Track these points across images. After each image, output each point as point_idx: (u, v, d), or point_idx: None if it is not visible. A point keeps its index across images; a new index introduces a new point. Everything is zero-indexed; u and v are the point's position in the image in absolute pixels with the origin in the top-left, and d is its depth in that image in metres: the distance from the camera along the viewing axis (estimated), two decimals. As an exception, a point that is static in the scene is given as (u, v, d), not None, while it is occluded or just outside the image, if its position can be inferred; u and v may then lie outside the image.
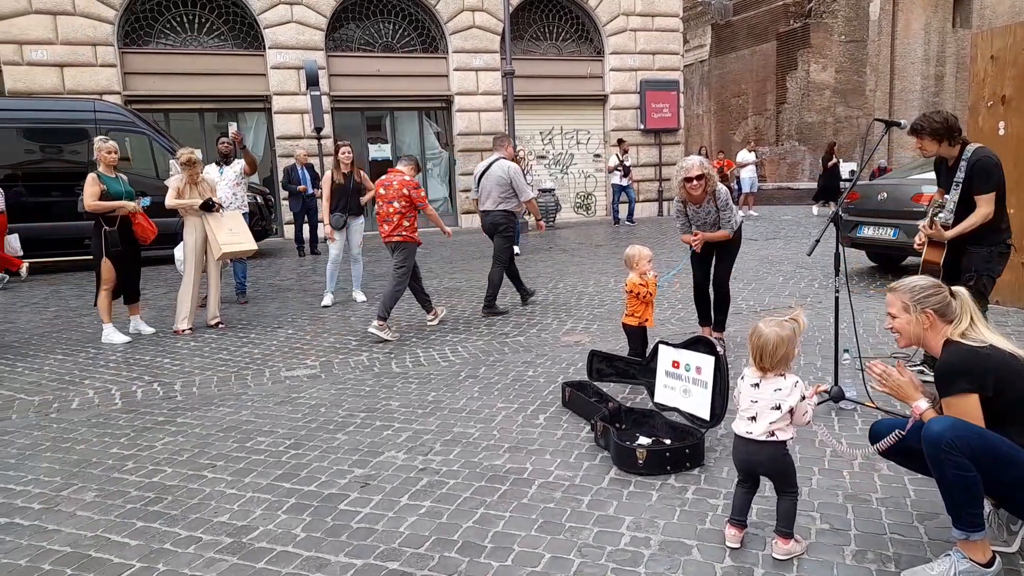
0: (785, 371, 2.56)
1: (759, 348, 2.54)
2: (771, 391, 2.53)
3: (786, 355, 2.53)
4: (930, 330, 2.52)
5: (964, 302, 2.50)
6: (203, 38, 14.52)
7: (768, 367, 2.55)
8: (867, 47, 27.14)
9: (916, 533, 2.70)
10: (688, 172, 5.04)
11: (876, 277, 8.38)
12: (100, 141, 6.36)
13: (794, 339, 2.55)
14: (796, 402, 2.52)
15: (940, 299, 2.52)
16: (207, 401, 4.68)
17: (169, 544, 2.83)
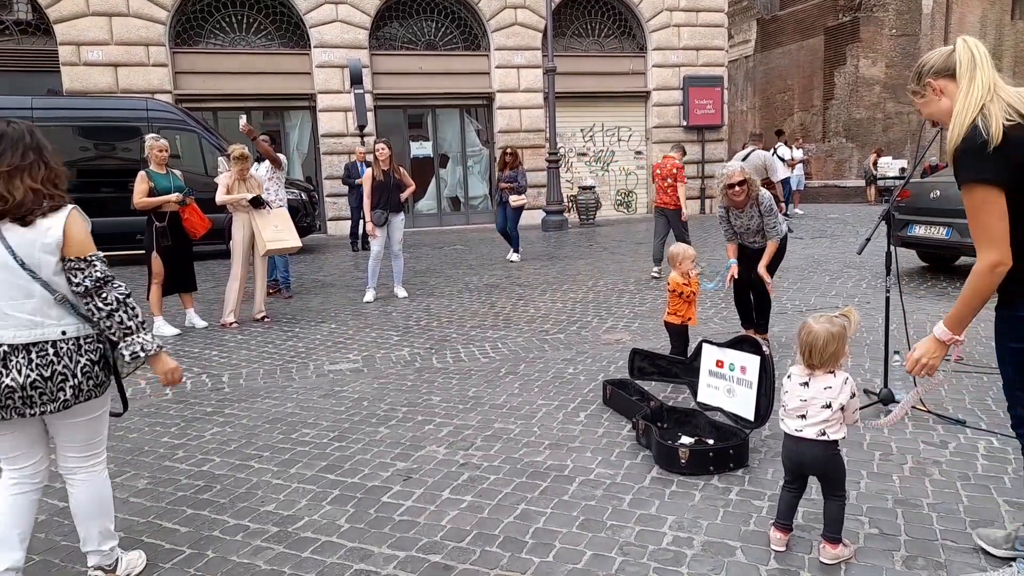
0: (835, 369, 2.50)
1: (808, 345, 2.48)
2: (821, 389, 2.48)
3: (836, 352, 2.47)
4: (946, 98, 2.17)
5: (967, 47, 2.13)
6: (251, 38, 14.82)
7: (817, 364, 2.49)
8: (919, 41, 26.35)
9: (969, 540, 2.62)
10: (730, 178, 4.97)
11: (927, 277, 8.14)
12: (151, 139, 6.53)
13: (844, 336, 2.48)
14: (847, 400, 2.46)
15: (936, 59, 2.21)
16: (253, 393, 4.78)
17: (218, 531, 2.91)
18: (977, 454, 3.38)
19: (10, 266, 2.24)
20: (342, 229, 14.24)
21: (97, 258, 2.37)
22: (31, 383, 2.24)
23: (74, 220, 2.35)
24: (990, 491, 3.00)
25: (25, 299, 2.26)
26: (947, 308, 6.74)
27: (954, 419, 3.78)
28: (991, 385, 4.33)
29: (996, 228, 2.06)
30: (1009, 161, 1.99)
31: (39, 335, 2.27)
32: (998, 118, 1.99)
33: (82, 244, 2.34)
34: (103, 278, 2.34)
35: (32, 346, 2.25)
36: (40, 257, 2.27)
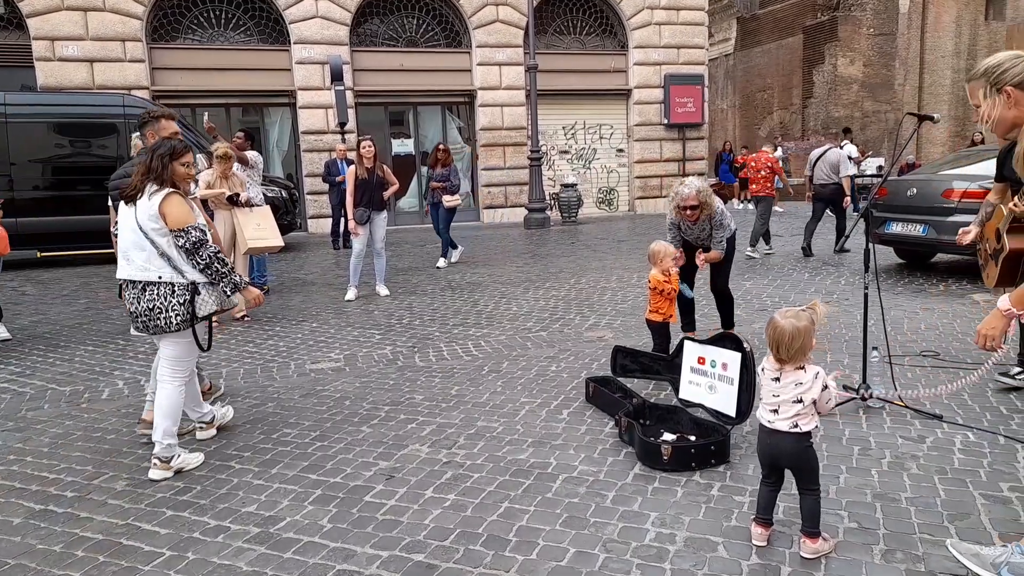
0: (804, 363, 2.53)
1: (776, 340, 2.52)
2: (792, 385, 2.51)
3: (803, 346, 2.49)
4: (1016, 109, 2.19)
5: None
6: (229, 33, 14.67)
7: (786, 359, 2.52)
8: (896, 40, 26.67)
9: (947, 534, 2.66)
10: (684, 200, 4.79)
11: (904, 274, 8.25)
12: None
13: (811, 330, 2.50)
14: (818, 394, 2.49)
15: (1021, 69, 2.18)
16: (233, 393, 4.74)
17: (198, 533, 2.88)
18: (954, 448, 3.43)
19: (134, 228, 3.35)
20: (323, 227, 14.17)
21: (192, 227, 3.33)
22: (143, 311, 3.35)
23: (167, 202, 3.32)
24: (966, 485, 3.05)
25: (139, 251, 3.35)
26: (924, 304, 6.87)
27: (931, 414, 3.84)
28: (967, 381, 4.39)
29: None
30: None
31: (145, 276, 3.35)
32: None
33: (176, 219, 3.32)
34: (197, 242, 3.32)
35: (144, 284, 3.35)
36: (146, 223, 3.31)
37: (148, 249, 3.33)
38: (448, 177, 9.78)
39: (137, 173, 3.39)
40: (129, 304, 3.41)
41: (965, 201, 7.03)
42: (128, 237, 3.38)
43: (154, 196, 3.33)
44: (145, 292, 3.34)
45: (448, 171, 9.85)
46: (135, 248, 3.36)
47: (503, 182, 16.56)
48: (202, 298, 3.39)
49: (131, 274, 3.38)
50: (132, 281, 3.38)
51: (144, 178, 3.36)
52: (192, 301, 3.36)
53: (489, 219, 16.52)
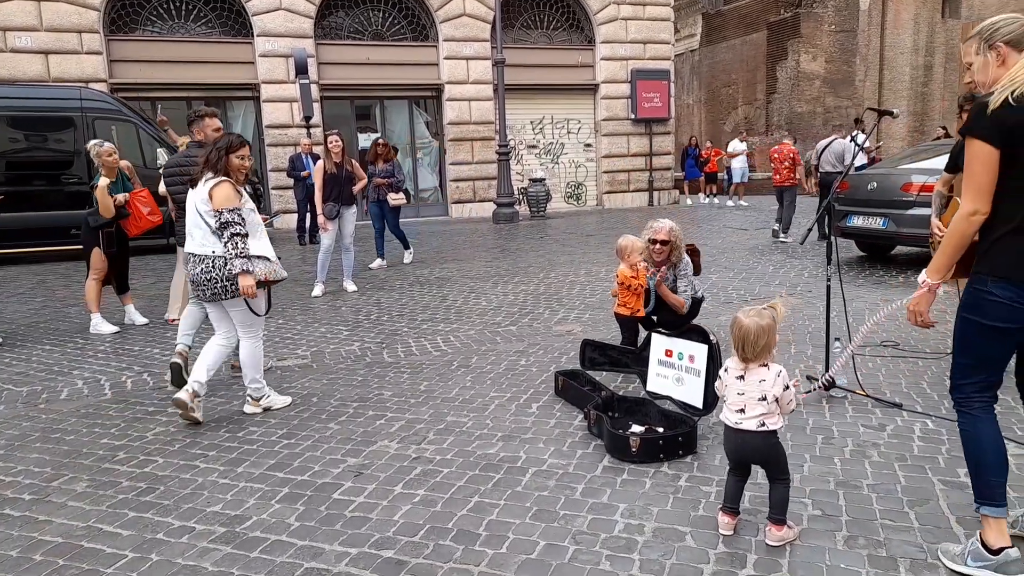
0: (768, 360, 2.58)
1: (740, 339, 2.56)
2: (756, 383, 2.55)
3: (767, 344, 2.55)
4: (1003, 67, 2.22)
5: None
6: (190, 25, 14.37)
7: (750, 357, 2.56)
8: (857, 37, 27.19)
9: (907, 519, 2.73)
10: (656, 233, 4.71)
11: (865, 266, 8.42)
12: (96, 146, 6.21)
13: (774, 328, 2.56)
14: (781, 392, 2.53)
15: (1015, 28, 2.22)
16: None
17: (162, 534, 2.82)
18: (913, 436, 3.51)
19: (193, 209, 3.96)
20: (289, 223, 13.97)
21: (227, 210, 3.84)
22: (201, 281, 3.94)
23: (217, 187, 3.88)
24: (926, 471, 3.13)
25: (198, 229, 3.96)
26: (885, 295, 7.01)
27: (891, 402, 3.92)
28: (926, 369, 4.51)
29: (982, 179, 2.17)
30: (1001, 126, 2.12)
31: (202, 251, 3.95)
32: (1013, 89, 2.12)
33: (219, 201, 3.86)
34: (225, 222, 3.82)
35: (202, 257, 3.94)
36: (200, 205, 3.92)
37: (203, 227, 3.94)
38: (392, 173, 9.23)
39: (200, 163, 3.99)
40: (192, 275, 4.01)
41: (923, 194, 7.19)
42: (190, 217, 4.00)
43: (208, 182, 3.90)
44: (202, 264, 3.94)
45: (392, 167, 9.29)
46: (195, 227, 3.98)
47: (471, 177, 16.52)
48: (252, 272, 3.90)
49: (193, 248, 4.00)
50: (195, 254, 3.98)
51: (204, 167, 3.95)
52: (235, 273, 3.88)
53: (457, 214, 16.47)
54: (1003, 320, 2.21)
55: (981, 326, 2.26)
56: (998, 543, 2.26)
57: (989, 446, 2.30)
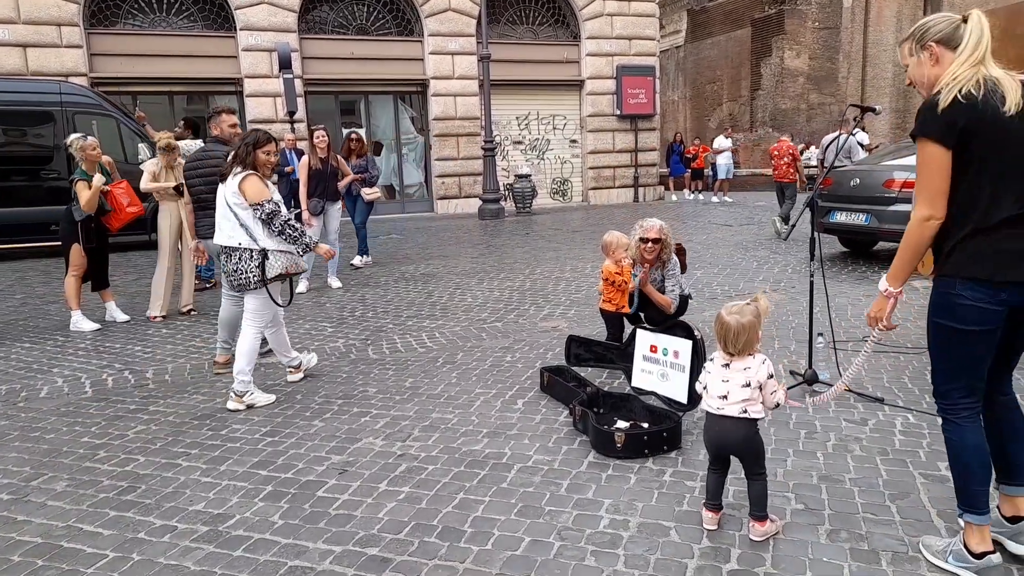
0: (753, 353, 2.59)
1: (723, 336, 2.59)
2: (741, 369, 2.57)
3: (749, 340, 2.57)
4: (939, 66, 2.21)
5: (977, 24, 2.17)
6: (172, 19, 14.21)
7: (734, 352, 2.59)
8: (840, 34, 27.35)
9: (888, 512, 2.75)
10: (647, 231, 4.73)
11: (848, 262, 8.49)
12: (79, 139, 6.11)
13: (756, 324, 2.58)
14: (764, 378, 2.54)
15: (943, 26, 2.21)
16: (180, 389, 4.61)
17: (143, 533, 2.79)
18: (895, 430, 3.55)
19: (223, 202, 4.14)
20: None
21: (266, 201, 4.06)
22: (231, 271, 4.15)
23: (246, 181, 4.07)
24: (907, 465, 3.16)
25: (227, 221, 4.13)
26: (867, 291, 7.07)
27: (873, 397, 3.96)
28: (907, 364, 4.55)
29: (934, 183, 2.15)
30: (952, 125, 2.09)
31: (231, 242, 4.13)
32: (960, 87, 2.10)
33: (253, 195, 4.05)
34: (271, 212, 4.06)
35: (231, 249, 4.14)
36: (230, 198, 4.09)
37: (232, 220, 4.11)
38: (366, 168, 8.93)
39: (230, 158, 4.21)
40: (223, 266, 4.27)
41: (905, 191, 7.25)
42: (220, 210, 4.18)
43: (237, 176, 4.10)
44: (232, 256, 4.15)
45: (365, 161, 9.01)
46: (224, 219, 4.16)
47: (457, 172, 16.47)
48: (270, 262, 4.13)
49: (222, 240, 4.19)
50: (224, 246, 4.19)
51: (233, 161, 4.15)
52: (263, 264, 4.10)
53: (443, 210, 16.43)
54: (974, 323, 2.17)
55: (953, 330, 2.21)
56: (980, 548, 2.28)
57: (973, 456, 2.27)
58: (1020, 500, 2.35)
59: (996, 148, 2.09)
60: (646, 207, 16.55)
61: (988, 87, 2.10)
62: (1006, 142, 2.09)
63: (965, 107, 2.08)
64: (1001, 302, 2.14)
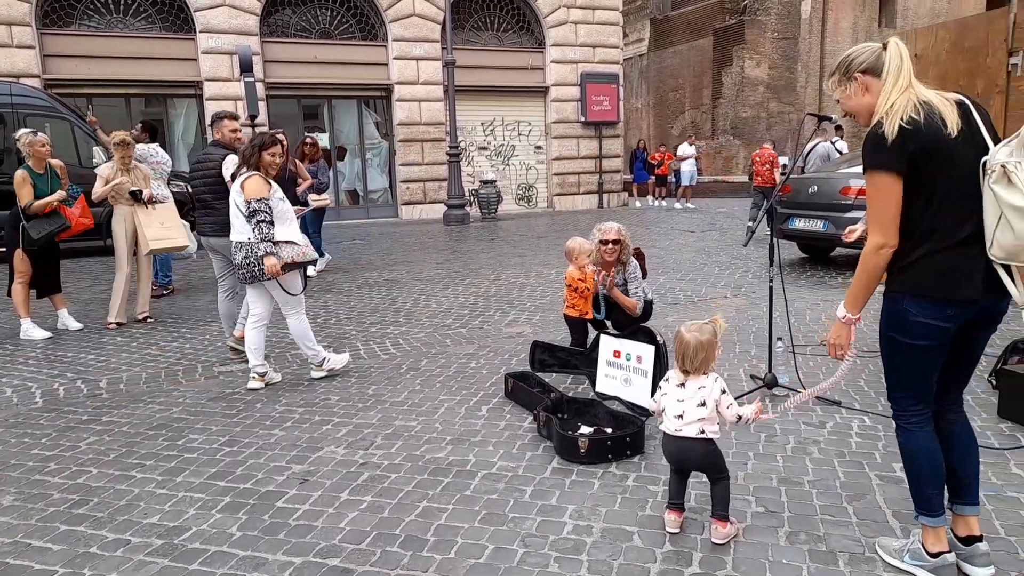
0: (707, 372, 2.64)
1: (681, 352, 2.64)
2: (696, 389, 2.62)
3: (706, 359, 2.62)
4: (869, 95, 2.27)
5: (895, 52, 2.22)
6: (129, 20, 13.91)
7: (691, 370, 2.64)
8: (798, 45, 27.97)
9: (845, 514, 2.80)
10: (606, 233, 4.75)
11: (806, 268, 8.66)
12: (28, 135, 5.93)
13: (714, 343, 2.64)
14: (718, 395, 2.58)
15: (866, 56, 2.27)
16: (135, 398, 4.50)
17: (95, 548, 2.71)
18: (851, 432, 3.62)
19: (232, 201, 4.46)
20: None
21: (255, 200, 4.30)
22: (242, 264, 4.41)
23: (248, 180, 4.35)
24: (863, 467, 3.22)
25: (236, 218, 4.43)
26: (824, 296, 7.20)
27: (831, 400, 4.03)
28: (863, 368, 4.65)
29: (887, 212, 2.19)
30: (903, 151, 2.14)
31: (239, 238, 4.41)
32: (901, 115, 2.14)
33: (250, 192, 4.32)
34: (253, 210, 4.30)
35: (241, 244, 4.40)
36: (236, 197, 4.41)
37: (240, 217, 4.40)
38: (316, 174, 8.73)
39: (239, 159, 4.54)
40: (236, 260, 4.49)
41: (861, 198, 7.42)
42: (232, 208, 4.48)
43: (241, 176, 4.40)
44: (241, 249, 4.40)
45: (316, 167, 8.84)
46: (234, 216, 4.45)
47: (421, 178, 16.41)
48: (277, 255, 4.37)
49: (234, 236, 4.47)
50: (236, 241, 4.45)
51: (241, 163, 4.47)
52: None
53: (408, 215, 16.34)
54: (922, 338, 2.22)
55: (902, 344, 2.27)
56: (936, 548, 2.33)
57: (924, 460, 2.32)
58: (972, 520, 2.38)
59: (942, 169, 2.14)
60: (610, 213, 16.68)
61: (926, 110, 2.15)
62: (951, 163, 2.14)
63: (911, 132, 2.12)
64: (948, 318, 2.20)
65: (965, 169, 2.14)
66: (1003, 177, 2.06)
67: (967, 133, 2.15)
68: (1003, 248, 2.07)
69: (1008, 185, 2.04)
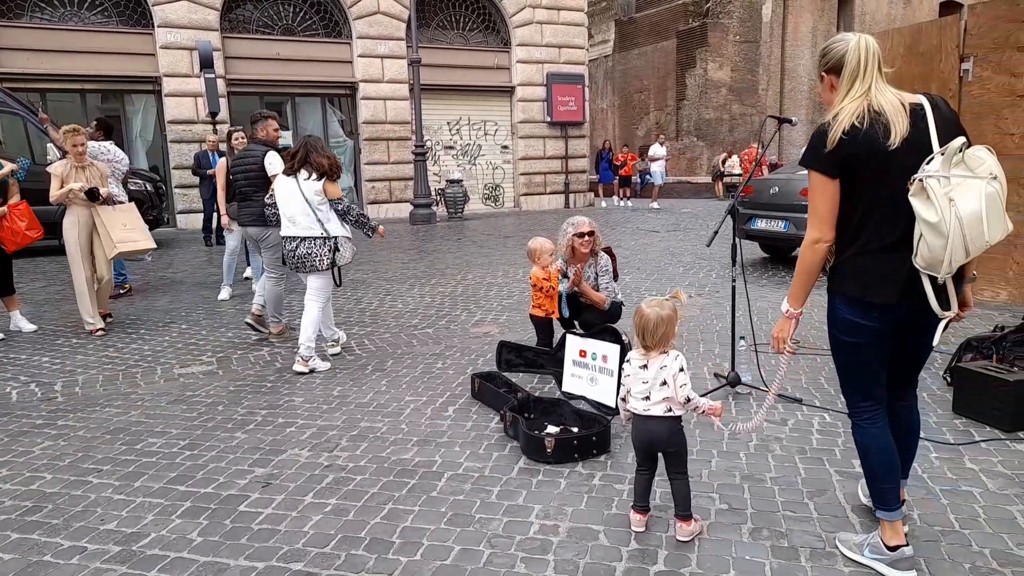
0: (667, 349, 2.65)
1: (641, 327, 2.65)
2: (658, 369, 2.63)
3: (666, 334, 2.63)
4: (834, 91, 2.31)
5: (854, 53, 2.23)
6: (84, 13, 13.54)
7: (651, 344, 2.64)
8: (760, 48, 28.43)
9: (807, 510, 2.85)
10: (579, 227, 4.79)
11: (768, 267, 8.80)
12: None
13: (674, 318, 2.65)
14: (675, 372, 2.60)
15: (834, 53, 2.30)
16: (91, 402, 4.38)
17: (49, 556, 2.63)
18: (812, 429, 3.69)
19: (301, 199, 4.83)
20: (194, 223, 13.40)
21: (340, 199, 4.93)
22: (302, 255, 4.87)
23: (328, 184, 4.86)
24: (824, 463, 3.28)
25: (304, 216, 4.83)
26: (786, 295, 7.25)
27: (792, 398, 4.10)
28: (823, 366, 4.74)
29: (821, 209, 2.29)
30: (835, 158, 2.21)
31: (309, 233, 4.84)
32: (843, 124, 2.18)
33: (332, 193, 4.88)
34: (344, 208, 4.94)
35: (303, 239, 4.85)
36: (312, 197, 4.82)
37: (310, 215, 4.81)
38: None
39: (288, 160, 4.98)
40: (289, 251, 4.92)
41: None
42: (297, 206, 4.84)
43: (313, 179, 4.83)
44: (304, 243, 4.84)
45: None
46: (302, 214, 4.83)
47: (387, 177, 16.29)
48: (341, 252, 4.94)
49: (297, 232, 4.86)
50: (299, 237, 4.84)
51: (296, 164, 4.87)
52: (334, 251, 4.89)
53: (373, 214, 16.18)
54: (854, 335, 2.32)
55: (840, 340, 2.38)
56: (893, 542, 2.38)
57: (876, 456, 2.40)
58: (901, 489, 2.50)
59: (875, 177, 2.20)
60: (576, 213, 16.73)
61: (870, 120, 2.18)
62: (885, 172, 2.19)
63: (847, 141, 2.18)
64: (872, 319, 2.28)
65: (901, 176, 2.16)
66: (921, 191, 2.10)
67: (913, 141, 2.18)
68: (923, 258, 2.13)
69: (925, 200, 2.08)
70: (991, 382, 3.65)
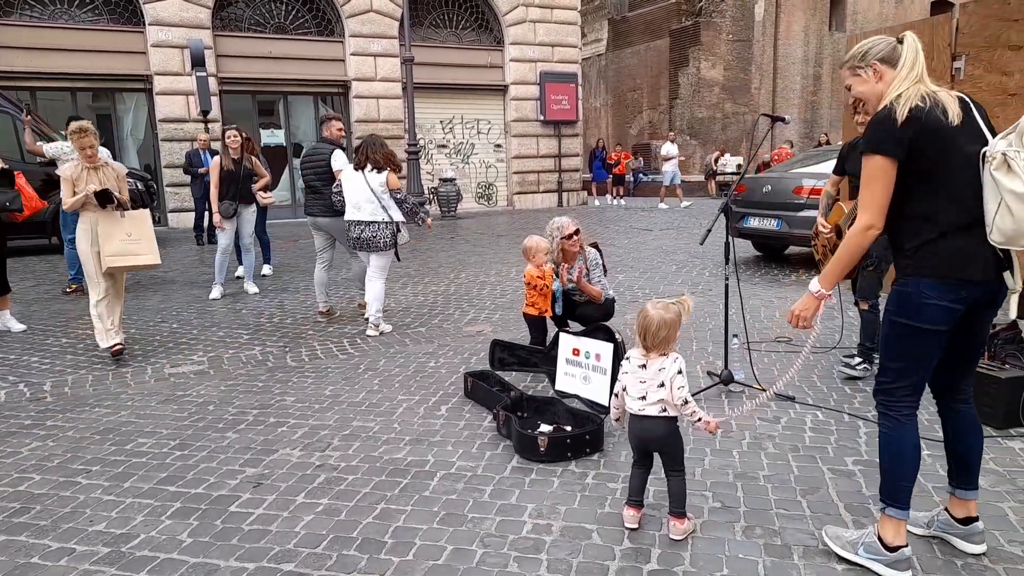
0: (667, 351, 2.64)
1: (644, 328, 2.64)
2: (656, 371, 2.62)
3: (668, 337, 2.62)
4: (882, 83, 2.37)
5: (912, 45, 2.34)
6: (75, 12, 13.45)
7: (651, 346, 2.63)
8: (752, 47, 28.47)
9: (800, 507, 2.85)
10: (564, 228, 4.80)
11: (761, 265, 8.81)
12: None
13: (677, 322, 2.64)
14: (673, 374, 2.59)
15: (883, 46, 2.38)
16: (81, 402, 4.35)
17: (37, 557, 2.60)
18: (805, 427, 3.68)
19: (367, 189, 5.52)
20: (185, 222, 13.34)
21: (399, 190, 5.62)
22: (368, 238, 5.58)
23: (391, 176, 5.55)
24: (816, 460, 3.28)
25: (369, 203, 5.53)
26: (779, 293, 7.31)
27: (785, 395, 4.10)
28: (816, 363, 4.75)
29: (880, 196, 2.27)
30: (903, 138, 2.22)
31: (372, 218, 5.55)
32: (909, 103, 2.23)
33: (392, 184, 5.54)
34: (402, 198, 5.61)
35: (368, 223, 5.56)
36: (376, 187, 5.51)
37: (375, 203, 5.51)
38: None
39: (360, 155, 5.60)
40: (354, 234, 5.62)
41: (813, 197, 7.58)
42: (363, 194, 5.53)
43: (379, 172, 5.52)
44: (369, 227, 5.54)
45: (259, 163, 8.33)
46: (367, 202, 5.53)
47: (380, 176, 16.22)
48: (401, 234, 5.70)
49: (361, 217, 5.56)
50: (364, 222, 5.56)
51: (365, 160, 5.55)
52: (396, 233, 5.62)
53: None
54: (936, 322, 2.25)
55: (914, 328, 2.28)
56: (895, 542, 2.35)
57: (909, 452, 2.35)
58: (972, 503, 2.47)
59: (943, 156, 2.23)
60: (569, 211, 16.74)
61: (931, 101, 2.24)
62: (951, 150, 2.23)
63: (913, 121, 2.21)
64: (961, 300, 2.25)
65: (965, 158, 2.23)
66: (1003, 164, 2.15)
67: (968, 125, 2.26)
68: (1002, 233, 2.15)
69: (1008, 172, 2.14)
70: (983, 379, 3.65)
